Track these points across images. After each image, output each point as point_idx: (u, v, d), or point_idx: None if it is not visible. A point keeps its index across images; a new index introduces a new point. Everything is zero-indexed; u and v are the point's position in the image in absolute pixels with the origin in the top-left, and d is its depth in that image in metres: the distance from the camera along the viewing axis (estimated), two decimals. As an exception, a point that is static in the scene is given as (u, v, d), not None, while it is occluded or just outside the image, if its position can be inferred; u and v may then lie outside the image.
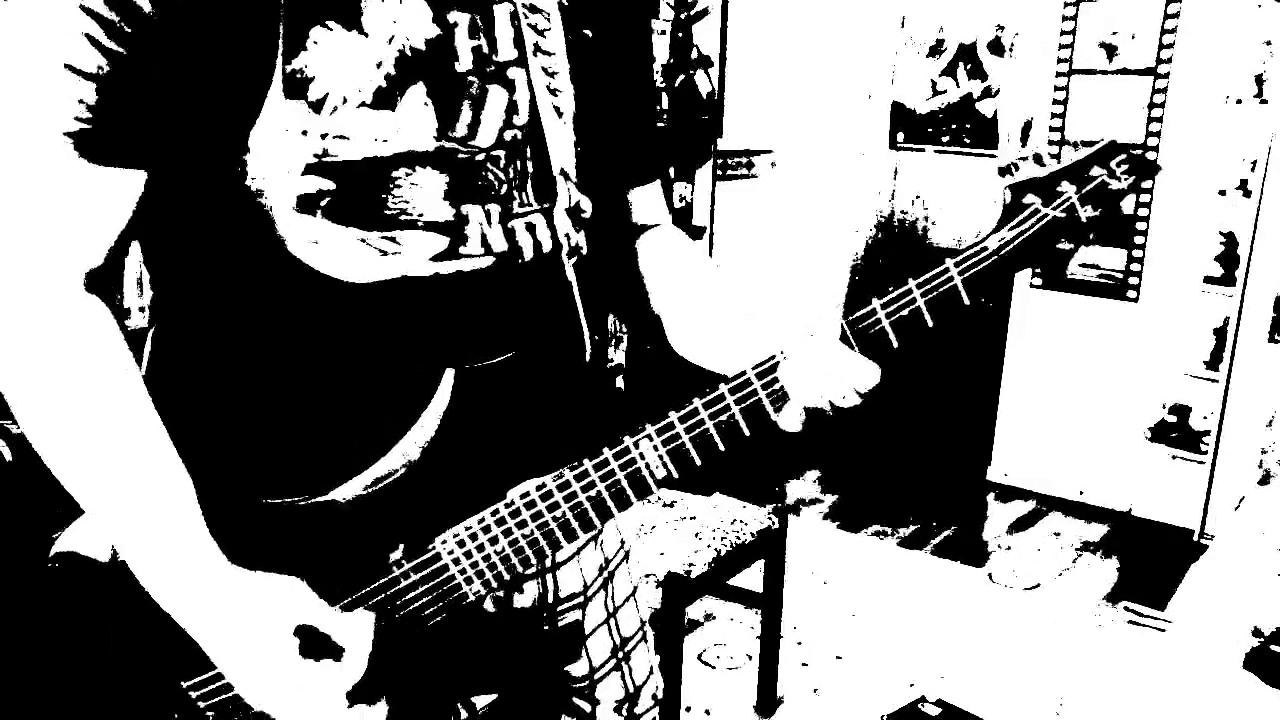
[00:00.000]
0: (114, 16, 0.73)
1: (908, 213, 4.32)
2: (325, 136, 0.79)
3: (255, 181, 0.79)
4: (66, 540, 0.89)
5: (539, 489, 0.87)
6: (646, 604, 1.19)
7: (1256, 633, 1.68)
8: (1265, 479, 3.23)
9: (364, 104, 0.80)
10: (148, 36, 0.74)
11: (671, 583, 2.09)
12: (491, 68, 0.86)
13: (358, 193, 0.81)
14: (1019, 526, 3.61)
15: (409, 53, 0.82)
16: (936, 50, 4.16)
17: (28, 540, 0.92)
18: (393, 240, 0.83)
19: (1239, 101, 3.32)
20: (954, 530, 3.55)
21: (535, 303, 0.94)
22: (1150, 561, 3.34)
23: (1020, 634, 2.86)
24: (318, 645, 0.82)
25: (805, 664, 2.68)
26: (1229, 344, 3.34)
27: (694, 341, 1.01)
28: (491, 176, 0.88)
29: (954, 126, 4.16)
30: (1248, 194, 3.31)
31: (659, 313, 1.06)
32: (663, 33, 3.40)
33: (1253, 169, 3.30)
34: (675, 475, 0.86)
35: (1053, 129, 3.61)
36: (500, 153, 0.88)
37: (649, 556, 2.14)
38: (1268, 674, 1.62)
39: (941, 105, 4.18)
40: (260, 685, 0.81)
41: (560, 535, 0.88)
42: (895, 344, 0.84)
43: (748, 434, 0.85)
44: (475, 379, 0.89)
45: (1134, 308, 3.57)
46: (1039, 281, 3.74)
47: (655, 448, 0.86)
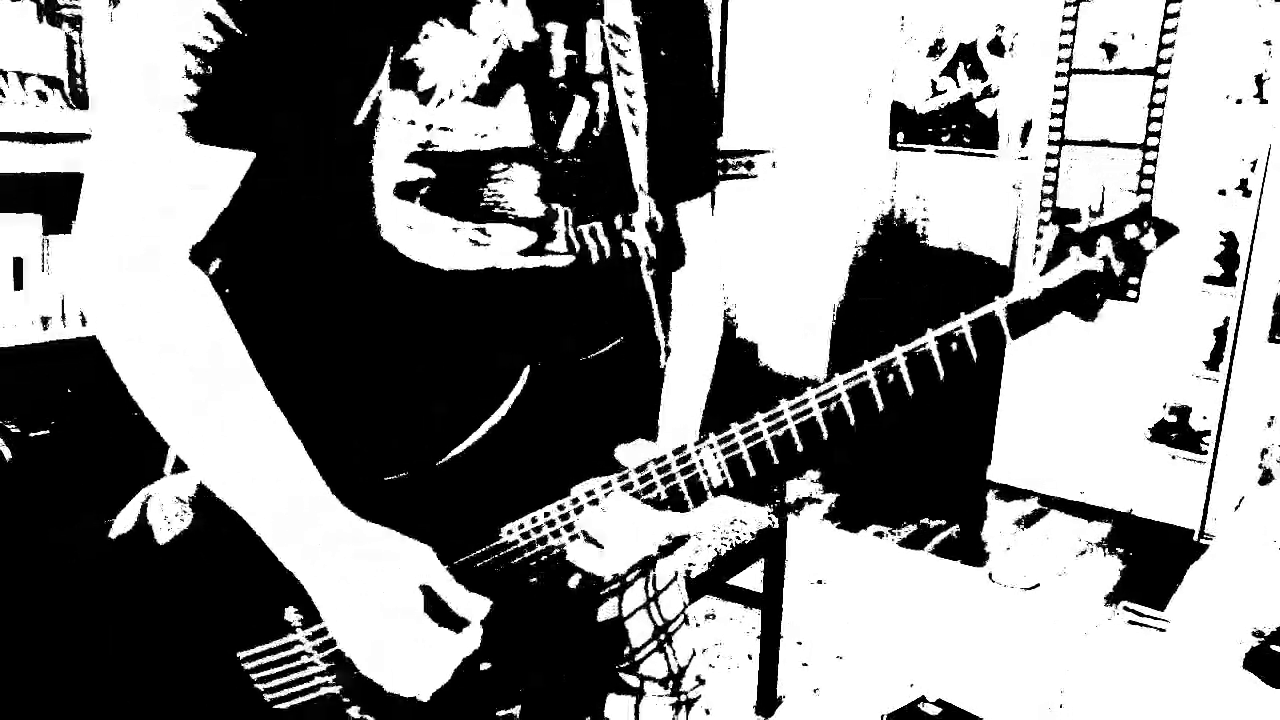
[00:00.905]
0: None
1: (907, 212, 4.32)
2: (430, 127, 0.82)
3: (359, 166, 0.82)
4: (124, 521, 0.90)
5: (603, 485, 0.89)
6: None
7: (1256, 633, 1.68)
8: (1265, 479, 3.24)
9: (468, 99, 0.83)
10: (268, 19, 0.76)
11: (671, 582, 2.09)
12: (580, 78, 0.91)
13: (456, 183, 0.84)
14: (1019, 526, 3.61)
15: (511, 54, 0.85)
16: (936, 50, 4.16)
17: (27, 539, 0.93)
18: (484, 232, 0.86)
19: (1239, 101, 3.31)
20: (954, 530, 3.55)
21: (613, 307, 0.98)
22: (1150, 561, 3.34)
23: (1020, 634, 2.86)
24: (437, 611, 0.84)
25: (805, 664, 2.68)
26: (1229, 344, 3.34)
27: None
28: (572, 180, 0.91)
29: (954, 126, 4.16)
30: (1248, 194, 3.31)
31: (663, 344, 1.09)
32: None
33: (1253, 169, 3.30)
34: (731, 484, 0.89)
35: (1053, 129, 3.61)
36: (579, 159, 0.92)
37: (649, 556, 2.14)
38: (1268, 674, 1.62)
39: (941, 105, 4.18)
40: (374, 638, 0.82)
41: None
42: (943, 375, 0.88)
43: (800, 449, 0.89)
44: (549, 374, 0.91)
45: (1134, 308, 3.57)
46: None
47: (715, 455, 0.88)
